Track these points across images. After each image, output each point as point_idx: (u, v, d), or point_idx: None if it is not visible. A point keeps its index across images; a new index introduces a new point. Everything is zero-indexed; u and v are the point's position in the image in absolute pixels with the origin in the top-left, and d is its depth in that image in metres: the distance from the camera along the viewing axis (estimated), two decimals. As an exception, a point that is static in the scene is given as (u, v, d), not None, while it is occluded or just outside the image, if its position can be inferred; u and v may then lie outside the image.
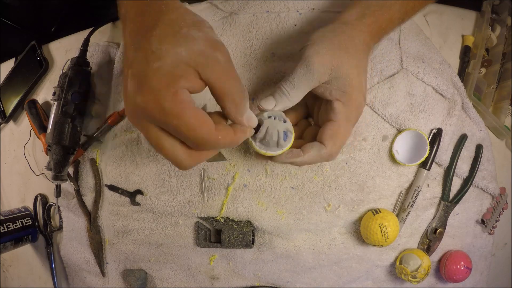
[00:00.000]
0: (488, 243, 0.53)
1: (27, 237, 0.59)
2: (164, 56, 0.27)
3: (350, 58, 0.36)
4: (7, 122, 0.64)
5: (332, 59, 0.35)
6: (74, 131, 0.51)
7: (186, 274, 0.55)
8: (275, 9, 0.49)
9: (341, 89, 0.36)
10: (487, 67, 0.53)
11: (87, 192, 0.56)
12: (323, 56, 0.35)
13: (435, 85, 0.47)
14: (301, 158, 0.36)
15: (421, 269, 0.47)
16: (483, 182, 0.50)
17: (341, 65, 0.35)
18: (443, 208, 0.49)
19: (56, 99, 0.51)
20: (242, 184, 0.50)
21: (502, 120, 0.52)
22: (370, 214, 0.47)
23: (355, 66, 0.36)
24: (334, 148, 0.36)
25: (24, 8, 0.94)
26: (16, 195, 0.64)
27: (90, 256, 0.57)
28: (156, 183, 0.52)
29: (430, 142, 0.47)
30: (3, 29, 0.89)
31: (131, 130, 0.53)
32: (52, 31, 0.99)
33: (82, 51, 0.53)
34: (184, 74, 0.28)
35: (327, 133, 0.36)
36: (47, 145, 0.51)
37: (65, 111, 0.50)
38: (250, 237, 0.49)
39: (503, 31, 0.53)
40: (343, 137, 0.37)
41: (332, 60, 0.35)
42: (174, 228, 0.53)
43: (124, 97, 0.30)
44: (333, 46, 0.35)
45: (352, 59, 0.36)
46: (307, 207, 0.49)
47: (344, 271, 0.51)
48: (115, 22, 0.58)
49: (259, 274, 0.52)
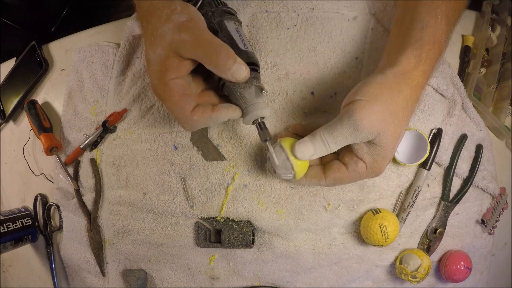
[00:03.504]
0: (488, 243, 0.53)
1: (27, 237, 0.59)
2: (152, 61, 0.36)
3: (398, 128, 0.36)
4: (7, 122, 0.64)
5: (381, 127, 0.35)
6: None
7: (186, 274, 0.55)
8: (275, 8, 0.49)
9: (374, 157, 0.37)
10: (487, 67, 0.53)
11: (87, 192, 0.56)
12: (373, 122, 0.34)
13: (435, 85, 0.47)
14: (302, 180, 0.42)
15: (421, 269, 0.47)
16: (483, 182, 0.50)
17: (386, 134, 0.35)
18: (443, 208, 0.49)
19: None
20: (242, 184, 0.50)
21: (502, 120, 0.52)
22: (370, 214, 0.47)
23: (397, 137, 0.36)
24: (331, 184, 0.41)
25: (24, 8, 0.94)
26: (16, 195, 0.64)
27: (90, 256, 0.57)
28: (156, 183, 0.52)
29: (430, 142, 0.47)
30: (3, 29, 0.90)
31: (131, 130, 0.53)
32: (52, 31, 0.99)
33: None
34: (168, 67, 0.35)
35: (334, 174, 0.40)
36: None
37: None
38: (250, 237, 0.49)
39: (503, 31, 0.53)
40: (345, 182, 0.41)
41: (381, 127, 0.35)
42: (174, 228, 0.53)
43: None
44: (386, 112, 0.35)
45: (399, 129, 0.36)
46: (307, 207, 0.49)
47: (344, 271, 0.51)
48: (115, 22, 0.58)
49: (259, 274, 0.52)
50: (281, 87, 0.49)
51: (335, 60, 0.48)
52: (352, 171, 0.39)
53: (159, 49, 0.35)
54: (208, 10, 0.40)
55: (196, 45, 0.34)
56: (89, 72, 0.56)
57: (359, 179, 0.40)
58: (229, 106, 0.39)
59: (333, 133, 0.36)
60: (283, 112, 0.49)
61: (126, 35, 0.53)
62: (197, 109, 0.37)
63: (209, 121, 0.38)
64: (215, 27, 0.39)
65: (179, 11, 0.35)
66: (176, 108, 0.37)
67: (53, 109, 0.60)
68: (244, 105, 0.38)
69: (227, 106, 0.38)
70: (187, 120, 0.37)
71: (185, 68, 0.36)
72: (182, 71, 0.36)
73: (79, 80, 0.57)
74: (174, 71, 0.35)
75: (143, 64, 0.53)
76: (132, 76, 0.54)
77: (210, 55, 0.34)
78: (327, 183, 0.41)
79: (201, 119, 0.37)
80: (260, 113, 0.38)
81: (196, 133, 0.50)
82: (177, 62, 0.35)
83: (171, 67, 0.35)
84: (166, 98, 0.36)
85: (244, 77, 0.36)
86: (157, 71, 0.36)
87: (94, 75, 0.56)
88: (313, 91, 0.48)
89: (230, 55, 0.35)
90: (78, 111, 0.56)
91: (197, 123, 0.38)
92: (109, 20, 0.59)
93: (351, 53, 0.48)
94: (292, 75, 0.48)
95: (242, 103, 0.38)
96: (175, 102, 0.36)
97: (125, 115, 0.54)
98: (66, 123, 0.57)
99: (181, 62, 0.35)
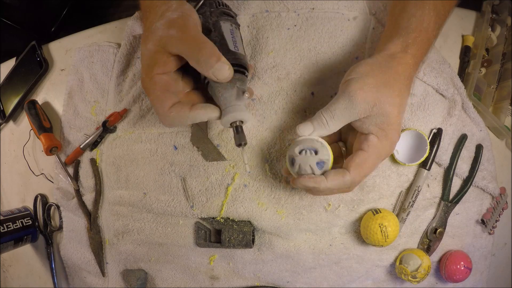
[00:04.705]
0: (488, 243, 0.53)
1: (27, 237, 0.59)
2: (143, 55, 0.37)
3: (394, 96, 0.36)
4: (7, 122, 0.64)
5: (376, 96, 0.36)
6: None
7: (186, 274, 0.55)
8: (275, 8, 0.49)
9: (379, 126, 0.37)
10: (487, 67, 0.53)
11: (87, 192, 0.56)
12: (367, 92, 0.36)
13: (435, 85, 0.47)
14: (324, 183, 0.37)
15: (421, 269, 0.47)
16: (483, 182, 0.50)
17: (383, 103, 0.36)
18: (443, 208, 0.49)
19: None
20: (242, 184, 0.50)
21: (502, 120, 0.52)
22: (370, 214, 0.47)
23: (397, 105, 0.36)
24: (357, 177, 0.37)
25: (24, 8, 0.94)
26: (16, 195, 0.64)
27: (90, 256, 0.57)
28: (156, 183, 0.52)
29: (430, 142, 0.47)
30: (3, 29, 0.90)
31: (131, 130, 0.53)
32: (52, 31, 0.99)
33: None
34: (156, 62, 0.36)
35: (354, 161, 0.37)
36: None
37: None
38: (250, 237, 0.49)
39: (503, 31, 0.53)
40: (368, 169, 0.38)
41: (375, 97, 0.36)
42: (174, 228, 0.53)
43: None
44: (378, 83, 0.36)
45: (395, 97, 0.36)
46: (307, 207, 0.49)
47: (344, 271, 0.51)
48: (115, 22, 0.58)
49: (259, 274, 0.52)
50: (281, 87, 0.49)
51: (335, 60, 0.48)
52: (367, 148, 0.37)
53: (150, 44, 0.36)
54: (207, 9, 0.40)
55: (181, 41, 0.35)
56: (89, 72, 0.56)
57: (379, 155, 0.38)
58: (208, 106, 0.38)
59: (330, 109, 0.37)
60: (283, 112, 0.49)
61: (127, 35, 0.53)
62: (176, 106, 0.38)
63: (186, 119, 0.38)
64: (210, 27, 0.39)
65: (173, 8, 0.36)
66: (156, 103, 0.38)
67: (53, 109, 0.60)
68: (224, 106, 0.37)
69: (205, 106, 0.38)
70: (164, 115, 0.38)
71: (171, 64, 0.37)
72: (169, 67, 0.37)
73: (79, 80, 0.57)
74: (161, 66, 0.36)
75: (144, 64, 0.53)
76: (133, 76, 0.54)
77: (193, 51, 0.35)
78: (352, 176, 0.37)
79: (177, 117, 0.38)
80: (239, 115, 0.37)
81: (196, 133, 0.50)
82: (165, 57, 0.36)
83: (159, 62, 0.36)
84: (150, 92, 0.37)
85: (226, 77, 0.36)
86: (146, 65, 0.37)
87: (94, 75, 0.56)
88: (313, 91, 0.48)
89: (213, 53, 0.35)
90: (78, 111, 0.57)
91: (174, 120, 0.38)
92: (109, 20, 0.59)
93: (351, 53, 0.48)
94: (292, 75, 0.48)
95: (222, 103, 0.38)
96: (156, 97, 0.37)
97: (125, 115, 0.54)
98: (66, 123, 0.57)
99: (168, 58, 0.36)
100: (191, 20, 0.36)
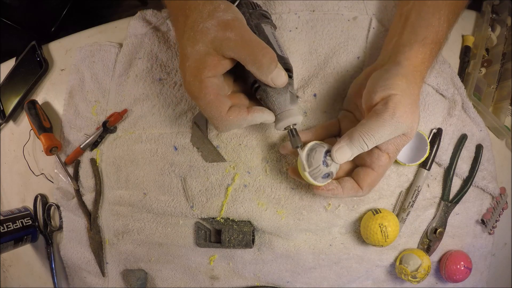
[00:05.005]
0: (488, 243, 0.53)
1: (27, 237, 0.59)
2: (190, 56, 0.35)
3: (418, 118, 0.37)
4: (7, 122, 0.64)
5: (412, 119, 0.35)
6: None
7: (186, 274, 0.55)
8: (276, 10, 0.49)
9: (397, 146, 0.37)
10: (487, 67, 0.53)
11: (87, 192, 0.56)
12: (408, 114, 0.35)
13: (435, 85, 0.47)
14: (341, 195, 0.41)
15: (421, 269, 0.47)
16: (483, 182, 0.50)
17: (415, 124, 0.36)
18: (443, 208, 0.49)
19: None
20: (242, 185, 0.50)
21: (502, 120, 0.52)
22: (370, 214, 0.47)
23: (418, 124, 0.37)
24: (368, 192, 0.41)
25: (24, 8, 0.94)
26: (16, 195, 0.64)
27: (90, 256, 0.57)
28: (156, 183, 0.52)
29: (430, 142, 0.47)
30: (3, 29, 0.90)
31: (131, 130, 0.53)
32: (52, 31, 0.99)
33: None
34: (206, 65, 0.34)
35: (366, 181, 0.40)
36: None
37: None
38: (250, 237, 0.49)
39: (503, 31, 0.53)
40: (377, 183, 0.41)
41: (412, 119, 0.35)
42: (174, 228, 0.53)
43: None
44: (413, 103, 0.35)
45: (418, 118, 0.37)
46: (307, 207, 0.49)
47: (344, 271, 0.51)
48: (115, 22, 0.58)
49: (259, 274, 0.52)
50: None
51: (337, 60, 0.48)
52: (378, 168, 0.39)
53: (199, 45, 0.34)
54: (245, 11, 0.40)
55: (241, 45, 0.33)
56: (90, 72, 0.56)
57: (385, 172, 0.40)
58: (264, 109, 0.38)
59: (374, 135, 0.35)
60: None
61: (129, 35, 0.53)
62: (233, 110, 0.37)
63: (243, 123, 0.37)
64: (253, 29, 0.39)
65: (222, 9, 0.35)
66: (211, 108, 0.36)
67: (53, 109, 0.60)
68: (278, 111, 0.38)
69: (262, 109, 0.38)
70: (222, 120, 0.37)
71: (222, 67, 0.35)
72: (219, 70, 0.35)
73: (80, 79, 0.57)
74: (211, 69, 0.35)
75: (146, 65, 0.53)
76: (135, 77, 0.54)
77: (255, 56, 0.33)
78: (364, 193, 0.40)
79: (236, 120, 0.37)
80: (293, 119, 0.38)
81: (196, 134, 0.50)
82: (216, 60, 0.34)
83: (209, 65, 0.34)
84: (201, 96, 0.35)
85: (283, 83, 0.36)
86: (194, 68, 0.35)
87: (95, 74, 0.56)
88: (315, 93, 0.48)
89: (274, 58, 0.34)
90: (79, 111, 0.57)
91: (232, 124, 0.37)
92: (109, 20, 0.59)
93: (353, 53, 0.48)
94: (294, 77, 0.48)
95: (276, 108, 0.38)
96: (210, 101, 0.36)
97: (125, 116, 0.54)
98: (67, 123, 0.57)
99: (220, 61, 0.35)
100: (245, 23, 0.35)
